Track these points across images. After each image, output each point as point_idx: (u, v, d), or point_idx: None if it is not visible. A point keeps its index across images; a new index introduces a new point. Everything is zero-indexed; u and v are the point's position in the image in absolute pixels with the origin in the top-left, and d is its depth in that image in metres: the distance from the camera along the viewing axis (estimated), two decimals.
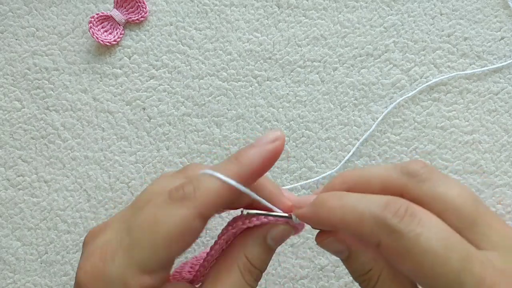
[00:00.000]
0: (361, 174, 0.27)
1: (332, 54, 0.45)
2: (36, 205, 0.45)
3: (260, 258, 0.28)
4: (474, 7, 0.45)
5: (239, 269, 0.27)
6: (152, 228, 0.24)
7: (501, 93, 0.45)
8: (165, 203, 0.24)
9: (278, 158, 0.27)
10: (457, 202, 0.25)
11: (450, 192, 0.25)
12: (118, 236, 0.25)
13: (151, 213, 0.24)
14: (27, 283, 0.45)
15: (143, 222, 0.24)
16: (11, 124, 0.46)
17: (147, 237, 0.24)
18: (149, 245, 0.24)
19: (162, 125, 0.45)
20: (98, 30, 0.46)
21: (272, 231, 0.28)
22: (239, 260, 0.28)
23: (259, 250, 0.28)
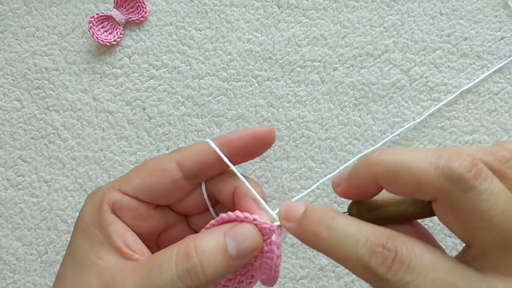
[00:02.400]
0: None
1: (332, 54, 0.45)
2: (36, 205, 0.45)
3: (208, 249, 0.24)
4: (474, 7, 0.45)
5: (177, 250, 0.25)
6: (142, 163, 0.29)
7: (501, 93, 0.45)
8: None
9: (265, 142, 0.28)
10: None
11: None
12: None
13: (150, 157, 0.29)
14: (27, 283, 0.45)
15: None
16: (11, 124, 0.46)
17: (135, 168, 0.29)
18: (132, 172, 0.29)
19: (162, 125, 0.45)
20: (98, 30, 0.46)
21: (234, 228, 0.26)
22: (183, 242, 0.25)
23: (212, 242, 0.25)
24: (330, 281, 0.43)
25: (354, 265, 0.23)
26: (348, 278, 0.43)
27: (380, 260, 0.22)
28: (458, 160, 0.22)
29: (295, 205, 0.26)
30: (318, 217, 0.24)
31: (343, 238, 0.23)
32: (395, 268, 0.22)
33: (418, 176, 0.22)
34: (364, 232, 0.23)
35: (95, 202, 0.28)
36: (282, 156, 0.45)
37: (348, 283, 0.43)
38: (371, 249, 0.22)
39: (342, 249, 0.23)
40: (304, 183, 0.44)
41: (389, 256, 0.22)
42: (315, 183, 0.44)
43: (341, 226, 0.23)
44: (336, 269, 0.43)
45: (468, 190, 0.21)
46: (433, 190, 0.22)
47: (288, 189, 0.44)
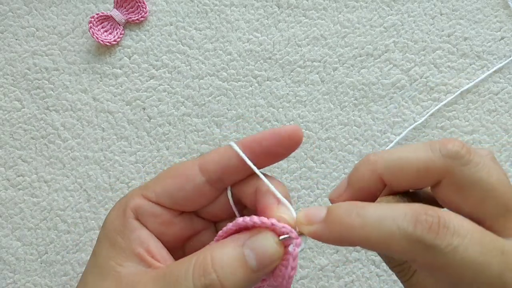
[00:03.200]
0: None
1: (332, 54, 0.45)
2: (36, 205, 0.45)
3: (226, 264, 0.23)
4: (474, 7, 0.45)
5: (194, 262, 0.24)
6: (169, 168, 0.28)
7: (501, 93, 0.45)
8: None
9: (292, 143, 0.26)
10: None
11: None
12: None
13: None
14: (27, 283, 0.45)
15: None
16: (11, 124, 0.46)
17: (159, 174, 0.28)
18: (158, 177, 0.28)
19: (162, 125, 0.45)
20: (98, 30, 0.46)
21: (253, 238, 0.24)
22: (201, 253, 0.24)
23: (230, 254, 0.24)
24: (330, 281, 0.43)
25: (398, 242, 0.22)
26: (348, 278, 0.43)
27: (426, 226, 0.22)
28: (450, 142, 0.24)
29: (315, 209, 0.24)
30: (346, 209, 0.23)
31: (379, 220, 0.22)
32: (442, 232, 0.22)
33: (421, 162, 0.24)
34: (400, 209, 0.23)
35: (120, 208, 0.27)
36: None
37: (348, 283, 0.43)
38: (414, 219, 0.22)
39: (383, 230, 0.22)
40: (304, 183, 0.44)
41: (434, 222, 0.22)
42: (315, 183, 0.44)
43: (374, 210, 0.23)
44: (336, 269, 0.43)
45: (467, 163, 0.24)
46: (438, 172, 0.24)
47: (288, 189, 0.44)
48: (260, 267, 0.24)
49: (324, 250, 0.44)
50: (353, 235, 0.22)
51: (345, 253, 0.43)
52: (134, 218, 0.27)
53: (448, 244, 0.22)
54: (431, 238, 0.21)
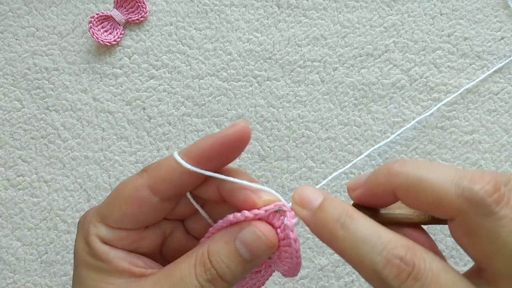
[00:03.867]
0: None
1: (332, 54, 0.45)
2: (36, 205, 0.45)
3: (222, 256, 0.24)
4: (474, 7, 0.45)
5: (194, 259, 0.25)
6: (116, 189, 0.27)
7: (501, 93, 0.45)
8: (133, 175, 0.27)
9: (239, 144, 0.25)
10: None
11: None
12: None
13: (122, 181, 0.28)
14: (27, 283, 0.45)
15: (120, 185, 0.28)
16: (11, 124, 0.46)
17: (111, 195, 0.27)
18: (109, 201, 0.27)
19: (162, 125, 0.45)
20: (98, 30, 0.46)
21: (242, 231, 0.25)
22: (199, 250, 0.25)
23: (223, 247, 0.25)
24: (330, 281, 0.43)
25: (366, 271, 0.22)
26: (348, 278, 0.43)
27: (395, 272, 0.21)
28: (481, 182, 0.21)
29: (312, 193, 0.24)
30: (336, 212, 0.23)
31: (359, 241, 0.22)
32: (409, 283, 0.21)
33: (438, 194, 0.22)
34: (382, 238, 0.22)
35: (84, 235, 0.27)
36: (282, 156, 0.45)
37: (348, 283, 0.43)
38: (387, 259, 0.21)
39: (357, 252, 0.22)
40: (304, 183, 0.44)
41: (405, 270, 0.21)
42: (315, 183, 0.44)
43: (359, 228, 0.22)
44: (336, 269, 0.43)
45: (488, 215, 0.21)
46: (452, 210, 0.22)
47: (288, 189, 0.44)
48: (254, 257, 0.25)
49: (324, 250, 0.44)
50: (332, 242, 0.23)
51: None
52: (102, 243, 0.26)
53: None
54: (395, 285, 0.21)
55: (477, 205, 0.21)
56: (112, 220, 0.26)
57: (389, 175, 0.24)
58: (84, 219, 0.28)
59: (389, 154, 0.44)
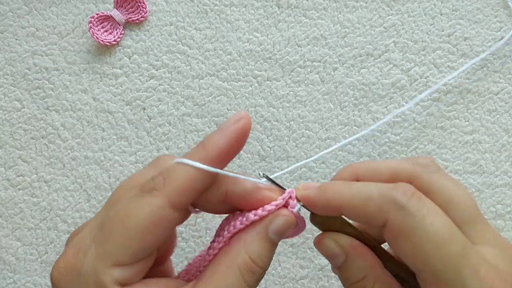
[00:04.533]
0: (370, 165, 0.28)
1: (332, 54, 0.45)
2: (36, 205, 0.45)
3: (263, 254, 0.26)
4: (474, 7, 0.45)
5: (239, 269, 0.25)
6: (124, 220, 0.24)
7: (501, 93, 0.45)
8: (136, 196, 0.24)
9: (246, 138, 0.26)
10: (461, 197, 0.26)
11: (456, 188, 0.26)
12: (92, 232, 0.25)
13: (123, 207, 0.24)
14: (27, 283, 0.45)
15: (115, 215, 0.24)
16: (11, 124, 0.46)
17: (119, 230, 0.24)
18: (120, 238, 0.24)
19: (162, 125, 0.45)
20: (98, 30, 0.46)
21: (273, 222, 0.26)
22: (239, 258, 0.25)
23: (261, 246, 0.26)
24: (330, 281, 0.43)
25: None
26: None
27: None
28: (399, 188, 0.25)
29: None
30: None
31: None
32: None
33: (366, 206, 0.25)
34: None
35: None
36: (282, 156, 0.45)
37: None
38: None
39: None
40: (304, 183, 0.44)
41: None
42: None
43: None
44: None
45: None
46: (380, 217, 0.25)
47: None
48: (281, 238, 0.27)
49: None
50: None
51: None
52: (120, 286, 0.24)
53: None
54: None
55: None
56: (131, 255, 0.24)
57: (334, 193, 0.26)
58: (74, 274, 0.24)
59: (389, 154, 0.44)
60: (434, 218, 0.23)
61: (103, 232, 0.24)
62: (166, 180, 0.24)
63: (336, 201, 0.25)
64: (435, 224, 0.23)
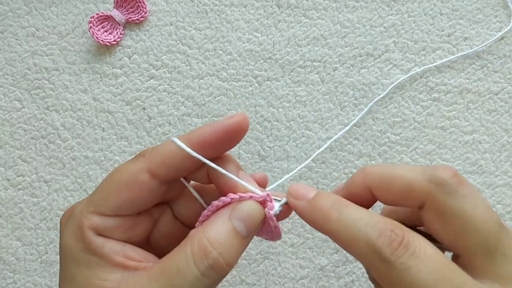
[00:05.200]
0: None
1: (332, 54, 0.45)
2: (36, 205, 0.45)
3: (220, 238, 0.24)
4: (474, 7, 0.45)
5: (191, 248, 0.24)
6: (109, 176, 0.27)
7: (501, 93, 0.45)
8: (128, 160, 0.28)
9: (236, 135, 0.26)
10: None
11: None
12: None
13: (115, 168, 0.27)
14: (27, 283, 0.45)
15: (108, 175, 0.28)
16: (11, 124, 0.46)
17: (104, 183, 0.27)
18: (103, 189, 0.27)
19: (162, 125, 0.45)
20: (98, 30, 0.46)
21: (236, 208, 0.26)
22: (195, 238, 0.25)
23: (220, 229, 0.25)
24: (330, 281, 0.43)
25: (360, 246, 0.23)
26: (348, 278, 0.43)
27: (387, 241, 0.23)
28: (442, 169, 0.24)
29: (306, 188, 0.26)
30: (331, 201, 0.25)
31: (353, 220, 0.24)
32: (400, 251, 0.23)
33: (407, 182, 0.25)
34: (374, 217, 0.24)
35: (74, 230, 0.26)
36: (282, 156, 0.45)
37: (348, 283, 0.43)
38: (380, 231, 0.23)
39: (351, 230, 0.24)
40: (304, 183, 0.44)
41: (396, 239, 0.23)
42: (315, 183, 0.44)
43: (352, 211, 0.25)
44: (336, 269, 0.43)
45: (452, 193, 0.24)
46: (421, 195, 0.24)
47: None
48: (249, 233, 0.26)
49: (324, 250, 0.44)
50: (326, 225, 0.25)
51: (345, 253, 0.43)
52: (96, 235, 0.26)
53: (402, 262, 0.22)
54: (388, 253, 0.23)
55: (442, 185, 0.24)
56: (109, 207, 0.26)
57: (364, 175, 0.26)
58: (69, 214, 0.27)
59: (389, 154, 0.44)
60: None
61: (98, 185, 0.28)
62: (152, 151, 0.27)
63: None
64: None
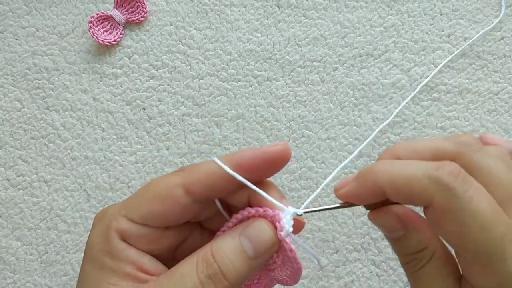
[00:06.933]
0: (410, 146, 0.26)
1: (332, 54, 0.45)
2: (36, 205, 0.45)
3: (224, 251, 0.24)
4: (474, 7, 0.45)
5: (197, 258, 0.25)
6: (147, 185, 0.27)
7: (501, 93, 0.45)
8: (167, 174, 0.28)
9: (278, 161, 0.26)
10: (503, 177, 0.25)
11: (499, 167, 0.25)
12: None
13: (154, 179, 0.28)
14: (27, 283, 0.45)
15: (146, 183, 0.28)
16: (11, 124, 0.46)
17: (140, 190, 0.27)
18: (138, 196, 0.27)
19: (162, 125, 0.45)
20: (98, 30, 0.46)
21: (246, 227, 0.25)
22: (203, 250, 0.25)
23: (227, 243, 0.25)
24: (330, 281, 0.43)
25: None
26: (348, 278, 0.43)
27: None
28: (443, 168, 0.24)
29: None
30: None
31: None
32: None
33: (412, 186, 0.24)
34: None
35: (102, 229, 0.27)
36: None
37: (348, 283, 0.43)
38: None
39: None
40: (304, 183, 0.44)
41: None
42: (315, 183, 0.44)
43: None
44: (336, 269, 0.43)
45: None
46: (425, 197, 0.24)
47: (288, 189, 0.44)
48: (257, 254, 0.25)
49: (324, 250, 0.44)
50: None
51: (345, 253, 0.43)
52: (120, 239, 0.26)
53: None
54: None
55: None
56: (139, 214, 0.26)
57: (374, 175, 0.25)
58: (104, 213, 0.27)
59: None
60: (481, 197, 0.23)
61: (137, 191, 0.28)
62: (191, 167, 0.27)
63: (378, 185, 0.25)
64: (483, 205, 0.23)
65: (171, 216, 0.26)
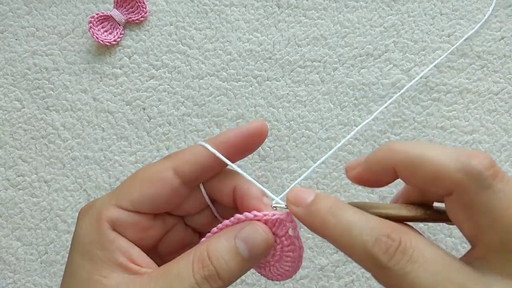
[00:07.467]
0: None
1: (332, 54, 0.45)
2: (36, 205, 0.45)
3: (220, 252, 0.25)
4: (474, 7, 0.45)
5: (192, 258, 0.25)
6: (134, 173, 0.28)
7: (501, 93, 0.45)
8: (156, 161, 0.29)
9: (257, 138, 0.28)
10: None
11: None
12: None
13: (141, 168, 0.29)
14: (27, 283, 0.45)
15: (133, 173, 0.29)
16: (11, 124, 0.46)
17: (128, 179, 0.28)
18: (126, 184, 0.28)
19: (162, 125, 0.45)
20: (98, 30, 0.46)
21: (242, 229, 0.26)
22: (198, 249, 0.26)
23: (222, 244, 0.26)
24: (330, 281, 0.43)
25: (357, 252, 0.23)
26: (348, 278, 0.43)
27: (383, 248, 0.22)
28: (478, 158, 0.23)
29: (304, 192, 0.26)
30: (327, 205, 0.25)
31: (349, 226, 0.24)
32: (397, 257, 0.22)
33: (438, 168, 0.23)
34: (370, 222, 0.24)
35: (91, 220, 0.27)
36: (282, 156, 0.45)
37: (348, 283, 0.43)
38: (376, 237, 0.23)
39: (348, 236, 0.23)
40: (304, 183, 0.44)
41: (392, 245, 0.22)
42: (315, 183, 0.44)
43: (348, 215, 0.24)
44: (336, 269, 0.43)
45: (485, 188, 0.22)
46: (450, 184, 0.23)
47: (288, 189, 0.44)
48: (251, 256, 0.26)
49: (324, 250, 0.44)
50: (325, 231, 0.24)
51: None
52: (111, 229, 0.27)
53: (400, 268, 0.22)
54: (385, 260, 0.22)
55: (476, 178, 0.22)
56: (131, 200, 0.27)
57: (390, 152, 0.25)
58: (91, 205, 0.28)
59: None
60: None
61: (123, 181, 0.29)
62: (178, 152, 0.28)
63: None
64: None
65: (161, 200, 0.27)
